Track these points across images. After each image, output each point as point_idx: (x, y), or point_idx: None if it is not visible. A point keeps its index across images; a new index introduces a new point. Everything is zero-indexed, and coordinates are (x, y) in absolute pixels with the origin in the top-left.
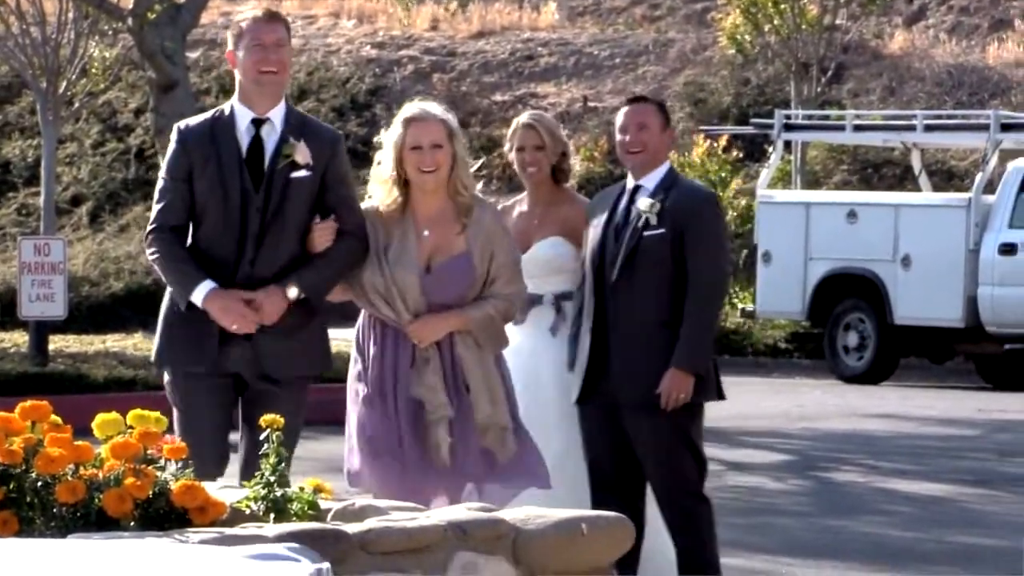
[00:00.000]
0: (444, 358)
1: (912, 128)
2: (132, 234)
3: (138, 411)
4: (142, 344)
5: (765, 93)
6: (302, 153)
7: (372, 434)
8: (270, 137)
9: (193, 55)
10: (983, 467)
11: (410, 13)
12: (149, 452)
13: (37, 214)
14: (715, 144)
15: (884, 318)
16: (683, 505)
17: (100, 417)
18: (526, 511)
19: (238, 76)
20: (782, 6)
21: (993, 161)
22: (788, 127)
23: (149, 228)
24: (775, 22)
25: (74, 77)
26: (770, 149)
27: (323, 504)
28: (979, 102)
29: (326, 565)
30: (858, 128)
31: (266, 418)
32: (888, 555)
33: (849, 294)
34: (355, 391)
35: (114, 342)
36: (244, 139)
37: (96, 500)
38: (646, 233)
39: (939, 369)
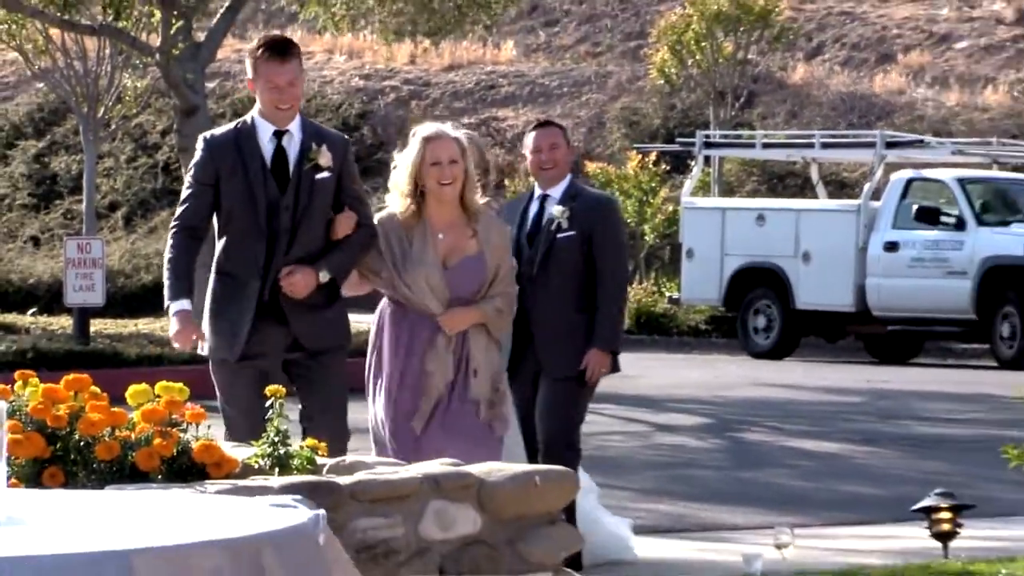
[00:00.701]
0: (458, 345)
1: (811, 146)
2: (159, 235)
3: (164, 383)
4: (167, 327)
5: (688, 116)
6: (325, 157)
7: (395, 408)
8: (291, 146)
9: (211, 85)
10: (869, 428)
11: (392, 50)
12: (174, 417)
13: (80, 218)
14: (646, 159)
15: (787, 304)
16: (563, 454)
17: (132, 388)
18: (489, 466)
19: (258, 96)
20: (702, 44)
21: (879, 173)
22: (707, 145)
23: (173, 225)
24: (697, 57)
25: (110, 103)
26: (692, 163)
27: (319, 460)
28: (867, 124)
29: (322, 512)
30: (766, 146)
31: (269, 388)
32: (790, 501)
33: (758, 284)
34: (374, 374)
35: (144, 325)
36: (267, 149)
37: (129, 457)
38: (559, 236)
39: (833, 347)
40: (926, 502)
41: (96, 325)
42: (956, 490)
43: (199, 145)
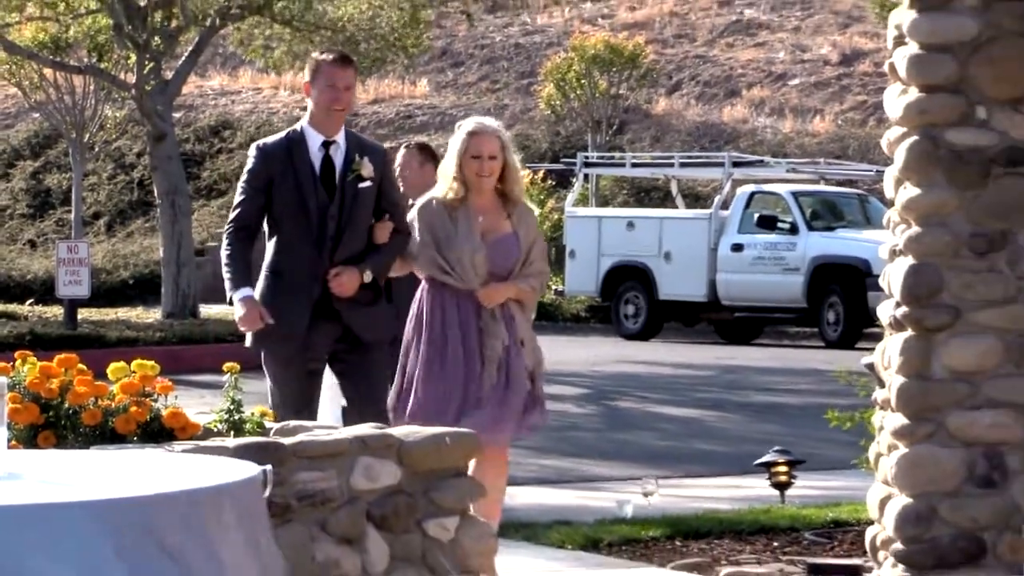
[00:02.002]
0: (505, 318)
1: (671, 165)
2: (135, 238)
3: (139, 361)
4: (143, 315)
5: (570, 141)
6: (367, 168)
7: (437, 380)
8: (337, 156)
9: (177, 115)
10: (718, 397)
11: None
12: (147, 389)
13: (69, 225)
14: (536, 176)
15: (652, 295)
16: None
17: (112, 365)
18: (407, 429)
19: (310, 105)
20: (582, 82)
21: (727, 188)
22: (586, 164)
23: (228, 225)
24: (577, 92)
25: (94, 130)
26: (574, 180)
27: (268, 424)
28: (717, 147)
29: (268, 467)
30: (634, 165)
31: (227, 365)
32: (655, 457)
33: (628, 279)
34: (414, 348)
35: (123, 313)
36: (316, 158)
37: (110, 422)
38: None
39: (689, 330)
40: (766, 458)
41: (83, 313)
42: (790, 448)
43: (252, 153)
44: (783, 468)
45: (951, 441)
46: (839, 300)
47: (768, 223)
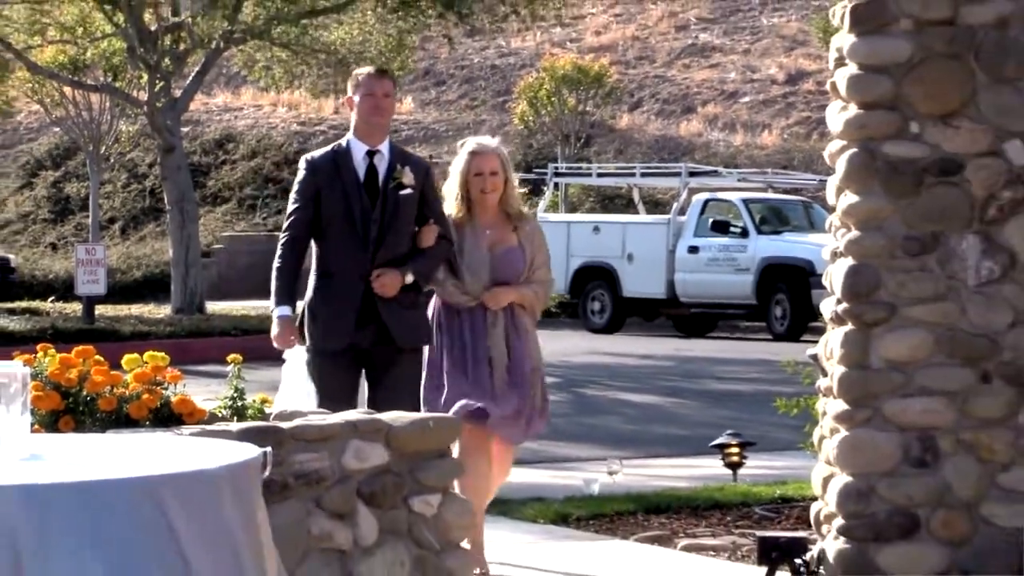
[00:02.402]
0: (507, 323)
1: (633, 175)
2: (147, 241)
3: (151, 352)
4: (154, 311)
5: (542, 153)
6: (408, 177)
7: (456, 386)
8: (381, 165)
9: (185, 129)
10: (676, 385)
11: (319, 103)
12: (157, 378)
13: (87, 229)
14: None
15: (616, 293)
16: None
17: (126, 356)
18: (395, 414)
19: (354, 117)
20: (552, 99)
21: (684, 195)
22: (556, 174)
23: (283, 235)
24: (548, 109)
25: (110, 143)
26: (545, 188)
27: (267, 410)
28: (675, 158)
29: (268, 449)
30: (599, 175)
31: (230, 357)
32: (619, 439)
33: (595, 278)
34: (432, 357)
35: (136, 310)
36: (361, 167)
37: (124, 408)
38: None
39: (650, 324)
40: (720, 440)
41: (99, 309)
42: (742, 431)
43: (301, 165)
44: (735, 449)
45: (887, 425)
46: (785, 297)
47: (721, 227)
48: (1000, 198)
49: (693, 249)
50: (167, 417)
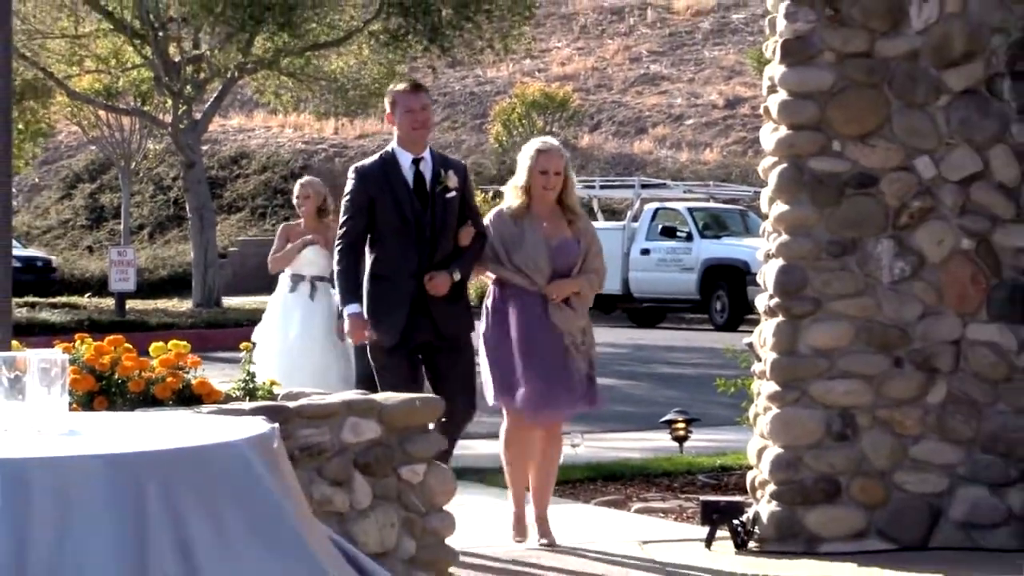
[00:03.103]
0: (566, 309)
1: (593, 187)
2: (171, 245)
3: (174, 341)
4: (177, 305)
5: (514, 169)
6: (452, 180)
7: (524, 365)
8: (426, 171)
9: (204, 147)
10: (631, 369)
11: (322, 124)
12: (180, 364)
13: (119, 234)
14: (487, 196)
15: None
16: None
17: (153, 345)
18: (386, 395)
19: (396, 130)
20: (523, 121)
21: (637, 205)
22: None
23: (338, 243)
24: (519, 129)
25: (139, 160)
26: None
27: (276, 391)
28: (629, 173)
29: (276, 425)
30: None
31: (243, 345)
32: (581, 416)
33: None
34: (493, 341)
35: (161, 304)
36: (408, 175)
37: (151, 390)
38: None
39: (608, 316)
40: (668, 416)
41: (130, 304)
42: (687, 409)
43: (351, 176)
44: (681, 425)
45: (813, 404)
46: (725, 293)
47: (669, 232)
48: (911, 207)
49: (645, 251)
50: (188, 397)
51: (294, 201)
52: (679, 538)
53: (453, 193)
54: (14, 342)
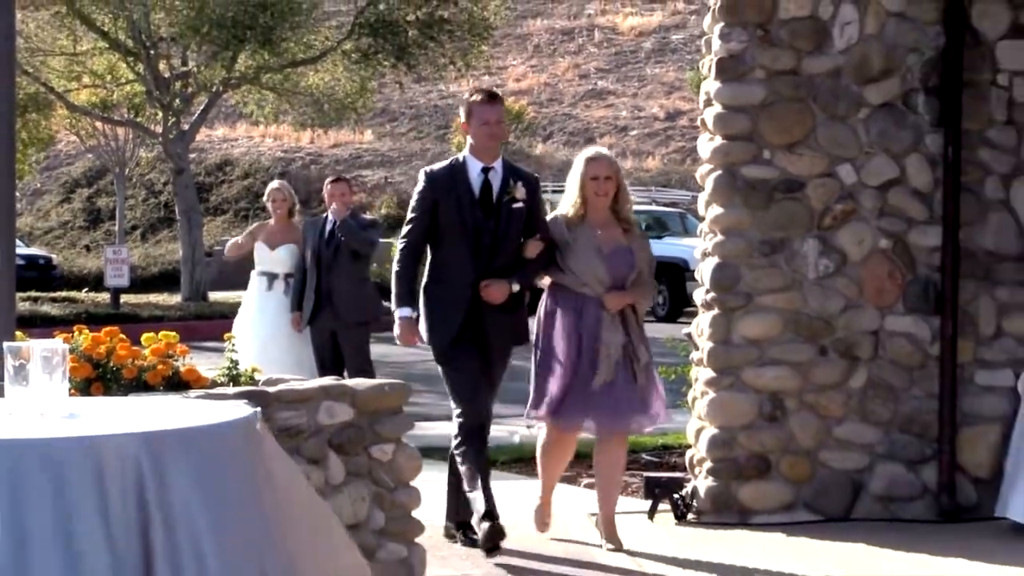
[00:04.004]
0: (621, 320)
1: (546, 191)
2: (162, 244)
3: (164, 332)
4: (168, 299)
5: None
6: (520, 192)
7: (567, 378)
8: (495, 180)
9: (192, 155)
10: None
11: (299, 134)
12: (169, 352)
13: (114, 234)
14: None
15: (535, 285)
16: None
17: (145, 335)
18: (358, 380)
19: (469, 139)
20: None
21: None
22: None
23: (401, 243)
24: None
25: (132, 166)
26: None
27: (258, 377)
28: None
29: (258, 409)
30: None
31: (226, 335)
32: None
33: None
34: (543, 346)
35: (153, 298)
36: (476, 183)
37: (143, 376)
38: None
39: None
40: None
41: (124, 298)
42: None
43: (421, 178)
44: None
45: (746, 389)
46: (666, 288)
47: None
48: (834, 210)
49: None
50: (177, 383)
51: (267, 204)
52: (625, 511)
53: (520, 204)
54: (18, 333)
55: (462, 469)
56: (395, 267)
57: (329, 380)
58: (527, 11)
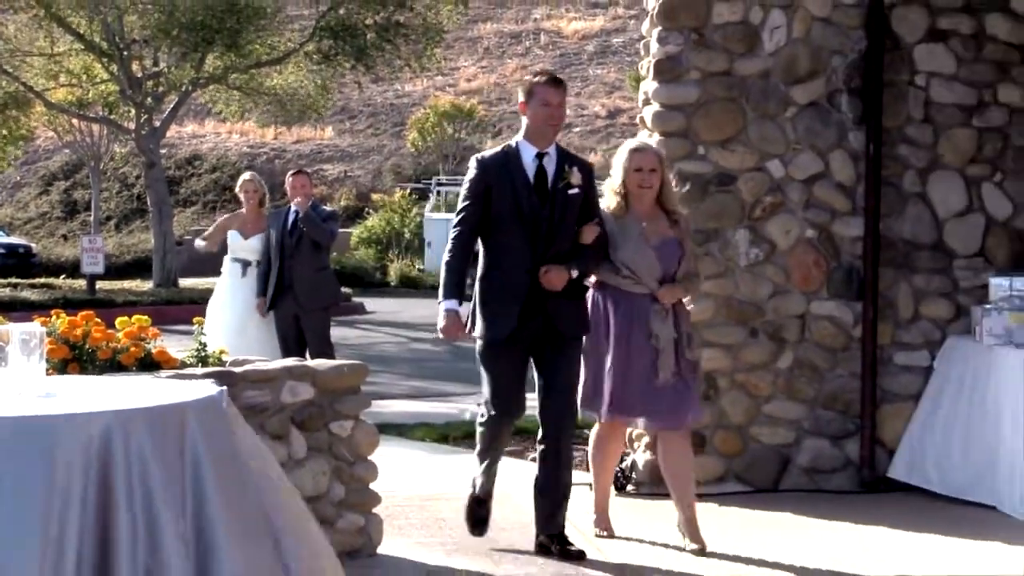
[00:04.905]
0: (671, 313)
1: None
2: (135, 234)
3: (137, 316)
4: (140, 285)
5: (428, 169)
6: (576, 177)
7: (625, 374)
8: (549, 166)
9: (163, 151)
10: None
11: (264, 131)
12: (142, 335)
13: (90, 224)
14: (405, 192)
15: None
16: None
17: (119, 319)
18: (319, 361)
19: (526, 122)
20: (435, 128)
21: None
22: (439, 184)
23: (454, 229)
24: (432, 136)
25: (107, 160)
26: (431, 195)
27: (225, 359)
28: None
29: (225, 388)
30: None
31: (196, 319)
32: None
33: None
34: (590, 343)
35: (126, 284)
36: (530, 169)
37: (117, 358)
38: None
39: None
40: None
41: (99, 284)
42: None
43: (472, 165)
44: None
45: None
46: None
47: None
48: (763, 202)
49: None
50: (149, 364)
51: (239, 194)
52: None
53: (576, 190)
54: None
55: (477, 447)
56: (446, 256)
57: (292, 361)
58: (477, 15)
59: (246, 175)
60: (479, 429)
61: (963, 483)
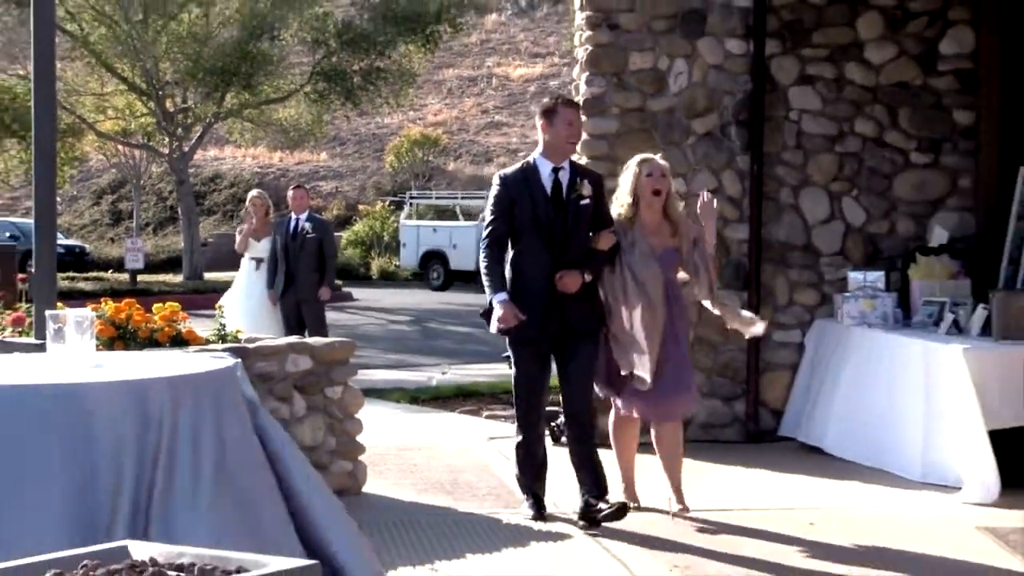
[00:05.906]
0: (670, 307)
1: (456, 197)
2: (168, 237)
3: (170, 303)
4: (172, 279)
5: (403, 185)
6: (586, 189)
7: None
8: (564, 179)
9: (191, 171)
10: (478, 320)
11: (271, 154)
12: (174, 318)
13: (132, 230)
14: (385, 204)
15: (447, 267)
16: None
17: (156, 306)
18: (316, 340)
19: (546, 138)
20: (409, 153)
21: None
22: (412, 198)
23: (484, 240)
24: (406, 159)
25: (146, 178)
26: (405, 206)
27: (240, 337)
28: (480, 188)
29: (239, 360)
30: (438, 198)
31: (217, 305)
32: (450, 353)
33: (435, 258)
34: (616, 338)
35: (161, 277)
36: (547, 182)
37: (154, 336)
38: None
39: (468, 285)
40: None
41: (140, 278)
42: None
43: (495, 182)
44: None
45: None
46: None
47: None
48: None
49: None
50: (180, 341)
51: (248, 207)
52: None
53: (586, 201)
54: (58, 304)
55: (517, 460)
56: (483, 263)
57: (294, 339)
58: (442, 62)
59: (254, 192)
60: (516, 455)
61: (835, 438)
